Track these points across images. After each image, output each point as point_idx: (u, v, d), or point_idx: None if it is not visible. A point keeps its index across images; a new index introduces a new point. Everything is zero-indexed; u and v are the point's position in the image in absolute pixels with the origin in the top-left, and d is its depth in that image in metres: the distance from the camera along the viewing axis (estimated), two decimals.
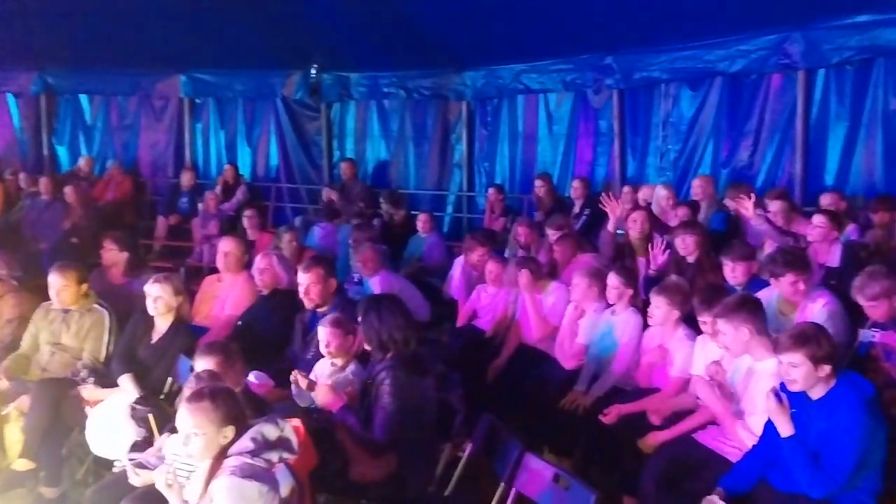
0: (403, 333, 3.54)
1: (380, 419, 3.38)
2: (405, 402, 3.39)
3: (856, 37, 6.48)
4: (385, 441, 3.38)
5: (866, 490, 3.04)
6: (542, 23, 7.69)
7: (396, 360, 3.48)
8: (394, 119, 10.57)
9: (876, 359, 3.93)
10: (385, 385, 3.40)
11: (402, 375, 3.42)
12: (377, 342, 3.55)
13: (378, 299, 3.82)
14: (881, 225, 5.61)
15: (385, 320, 3.55)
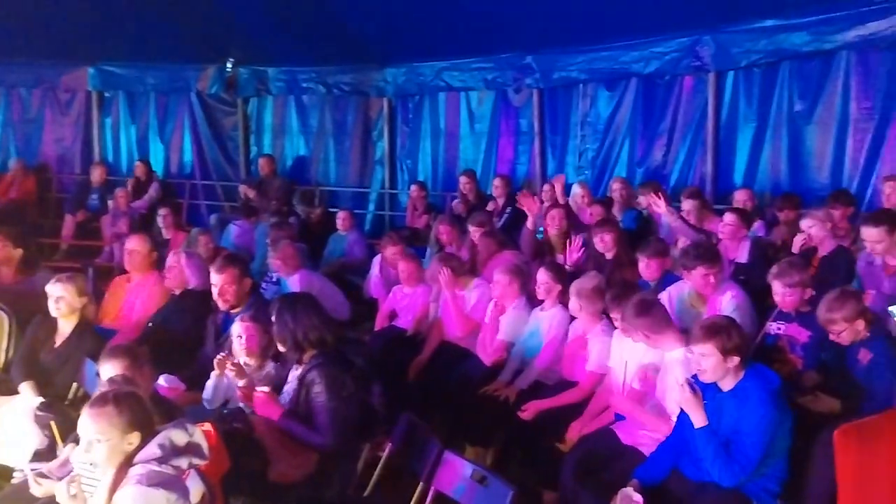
0: (319, 333, 3.47)
1: (323, 420, 3.31)
2: (339, 399, 3.34)
3: (762, 41, 6.72)
4: (338, 442, 3.33)
5: (772, 477, 3.15)
6: (464, 21, 7.71)
7: (323, 357, 3.41)
8: (313, 115, 10.39)
9: (782, 350, 4.09)
10: (318, 385, 3.33)
11: (333, 372, 3.37)
12: (292, 342, 3.47)
13: (292, 299, 3.73)
14: (787, 222, 5.84)
15: (300, 320, 3.47)
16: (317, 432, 3.32)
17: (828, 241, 4.81)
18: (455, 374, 4.91)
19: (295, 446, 3.38)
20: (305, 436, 3.34)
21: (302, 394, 3.38)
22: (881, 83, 6.18)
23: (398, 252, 6.15)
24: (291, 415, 3.42)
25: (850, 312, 3.56)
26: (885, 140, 6.18)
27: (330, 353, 3.46)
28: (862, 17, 6.01)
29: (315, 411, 3.32)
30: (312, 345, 3.45)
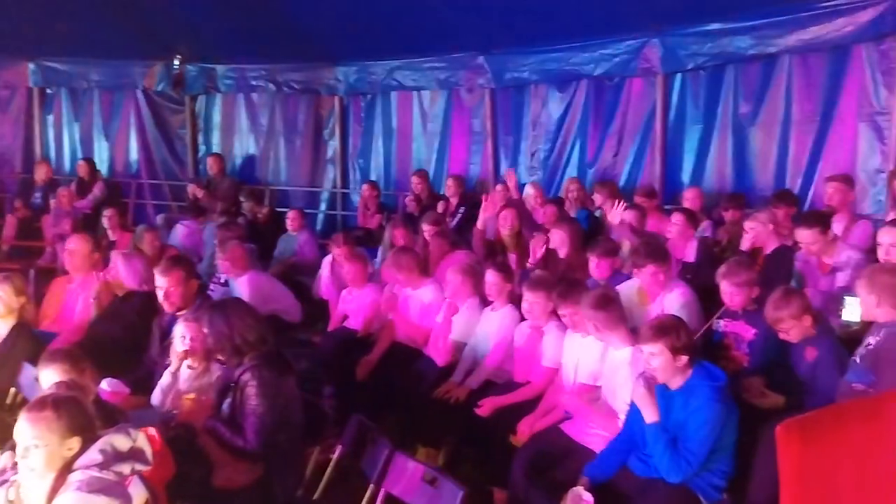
0: (256, 334, 3.40)
1: (251, 424, 3.24)
2: (274, 402, 3.27)
3: (708, 44, 6.84)
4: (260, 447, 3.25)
5: (718, 472, 3.21)
6: (416, 20, 7.68)
7: (259, 359, 3.35)
8: (263, 113, 10.27)
9: (727, 347, 4.17)
10: (251, 387, 3.26)
11: (268, 374, 3.30)
12: (230, 347, 3.39)
13: (222, 304, 3.61)
14: (732, 222, 5.95)
15: (233, 323, 3.38)
16: (242, 436, 3.25)
17: (771, 241, 4.92)
18: (407, 374, 4.89)
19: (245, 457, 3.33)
20: (230, 440, 3.27)
21: (237, 396, 3.31)
22: (822, 86, 6.34)
23: (344, 254, 6.10)
24: (217, 420, 3.36)
25: (796, 310, 3.65)
26: (825, 141, 6.34)
27: (268, 356, 3.39)
28: (803, 22, 6.15)
29: (244, 415, 3.26)
30: (252, 346, 3.37)
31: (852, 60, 6.11)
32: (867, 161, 6.07)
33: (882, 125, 5.93)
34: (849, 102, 6.17)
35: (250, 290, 5.89)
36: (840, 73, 6.21)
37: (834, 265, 4.55)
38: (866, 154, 6.07)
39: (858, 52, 6.05)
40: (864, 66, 6.02)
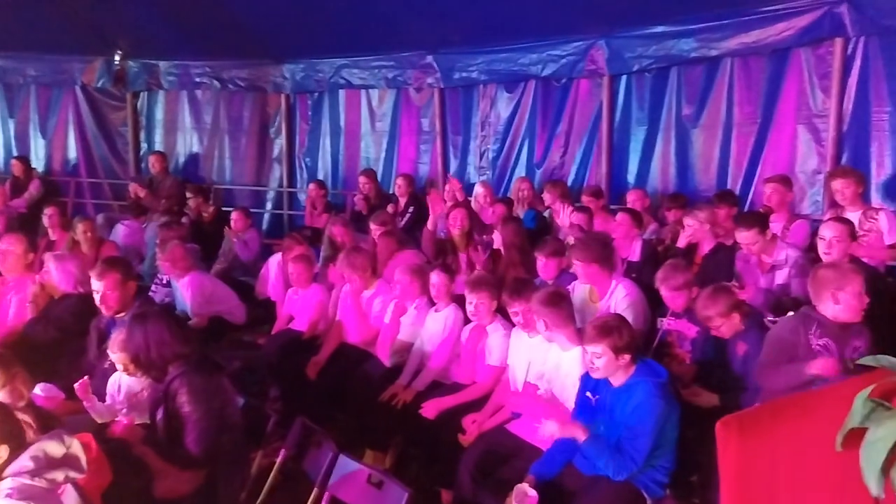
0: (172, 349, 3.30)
1: (190, 432, 3.17)
2: (209, 406, 3.20)
3: (653, 46, 6.93)
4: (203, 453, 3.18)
5: (661, 468, 3.26)
6: (364, 18, 7.63)
7: (186, 366, 3.27)
8: (207, 110, 10.10)
9: (671, 345, 4.24)
10: (182, 395, 3.18)
11: (198, 380, 3.22)
12: (146, 362, 3.32)
13: (141, 317, 3.49)
14: (675, 222, 6.04)
15: (150, 339, 3.30)
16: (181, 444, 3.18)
17: (707, 240, 5.02)
18: (354, 376, 4.84)
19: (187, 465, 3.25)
20: (168, 455, 3.20)
21: (168, 408, 3.23)
22: (762, 89, 6.47)
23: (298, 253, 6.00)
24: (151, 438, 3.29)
25: (723, 307, 3.75)
26: (766, 143, 6.47)
27: (195, 362, 3.32)
28: (744, 26, 6.26)
29: (181, 424, 3.19)
30: (168, 361, 3.30)
31: (791, 64, 6.25)
32: (805, 162, 6.22)
33: (820, 127, 6.08)
34: (788, 105, 6.31)
35: (192, 292, 5.78)
36: (779, 77, 6.34)
37: (773, 263, 4.66)
38: (805, 155, 6.22)
39: (797, 56, 6.19)
40: (803, 70, 6.17)
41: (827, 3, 5.75)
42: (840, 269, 3.47)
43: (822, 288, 3.45)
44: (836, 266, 3.56)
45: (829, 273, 3.48)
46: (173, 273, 5.88)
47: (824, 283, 3.45)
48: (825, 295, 3.44)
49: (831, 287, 3.41)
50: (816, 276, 3.52)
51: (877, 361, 2.16)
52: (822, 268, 3.59)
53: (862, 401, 2.02)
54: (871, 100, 5.75)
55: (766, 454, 2.07)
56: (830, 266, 3.58)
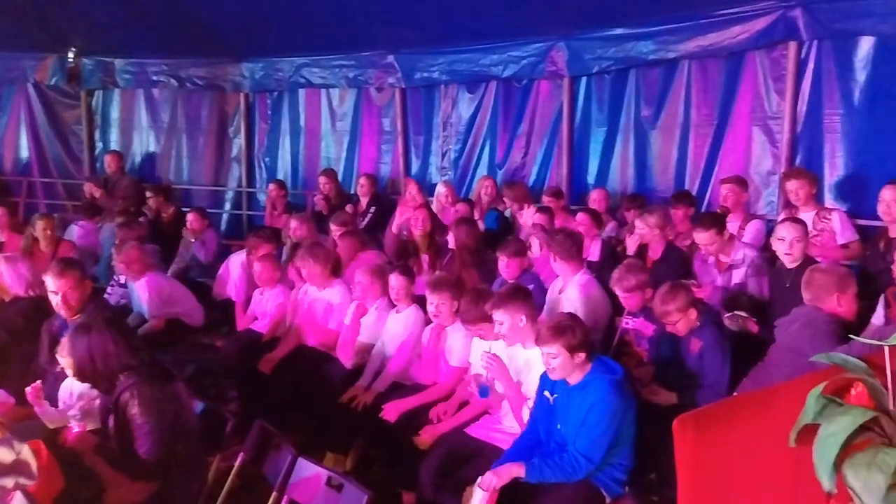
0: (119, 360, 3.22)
1: (144, 443, 3.10)
2: (162, 414, 3.13)
3: (612, 48, 6.98)
4: (155, 463, 3.12)
5: (619, 466, 3.29)
6: (324, 16, 7.58)
7: (135, 376, 3.20)
8: (164, 109, 9.97)
9: (629, 344, 4.29)
10: (132, 406, 3.11)
11: (148, 389, 3.15)
12: (92, 373, 3.24)
13: (84, 328, 3.39)
14: (633, 222, 6.10)
15: (95, 350, 3.22)
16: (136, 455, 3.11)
17: (657, 244, 5.09)
18: (314, 378, 4.79)
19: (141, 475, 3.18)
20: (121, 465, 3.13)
21: (119, 418, 3.16)
22: (718, 91, 6.56)
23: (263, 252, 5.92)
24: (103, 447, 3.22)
25: (681, 303, 3.82)
26: (722, 144, 6.57)
27: (144, 371, 3.25)
28: (701, 29, 6.35)
29: (133, 434, 3.12)
30: (115, 373, 3.22)
31: (747, 67, 6.34)
32: (760, 163, 6.33)
33: (774, 129, 6.19)
34: (743, 107, 6.41)
35: (149, 293, 5.68)
36: (735, 79, 6.43)
37: (731, 263, 4.74)
38: (759, 157, 6.32)
39: (752, 58, 6.29)
40: (758, 73, 6.27)
41: (781, 6, 5.85)
42: (839, 273, 3.60)
43: (825, 291, 3.57)
44: (833, 270, 3.70)
45: (829, 277, 3.62)
46: (129, 274, 5.77)
47: (827, 286, 3.58)
48: (829, 297, 3.58)
49: (835, 290, 3.56)
50: (814, 280, 3.63)
51: (829, 359, 2.20)
52: (819, 272, 3.70)
53: (814, 398, 2.05)
54: (823, 102, 5.86)
55: (723, 451, 2.09)
56: (827, 270, 3.72)
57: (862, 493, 1.89)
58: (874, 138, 5.58)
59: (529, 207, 6.00)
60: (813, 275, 3.72)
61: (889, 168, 5.31)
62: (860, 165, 5.68)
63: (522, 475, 3.20)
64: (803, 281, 3.76)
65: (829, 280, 3.64)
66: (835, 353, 2.23)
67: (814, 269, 3.84)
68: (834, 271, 3.72)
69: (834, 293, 3.61)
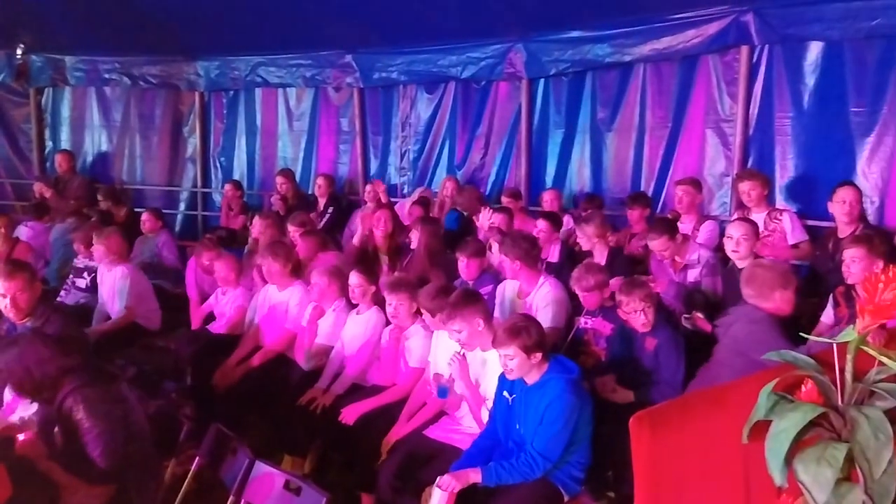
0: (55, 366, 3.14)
1: (95, 447, 3.04)
2: (110, 417, 3.07)
3: (569, 51, 7.04)
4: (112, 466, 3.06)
5: (577, 464, 3.32)
6: (281, 15, 7.48)
7: (77, 381, 3.13)
8: (117, 108, 9.78)
9: (588, 343, 4.33)
10: (77, 412, 3.05)
11: (93, 393, 3.09)
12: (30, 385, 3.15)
13: (14, 341, 3.32)
14: None
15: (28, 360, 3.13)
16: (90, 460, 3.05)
17: (600, 250, 5.15)
18: (271, 380, 4.74)
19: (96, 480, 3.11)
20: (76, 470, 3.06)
21: (66, 426, 3.09)
22: (673, 94, 6.66)
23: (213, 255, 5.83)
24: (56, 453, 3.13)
25: (639, 298, 3.90)
26: (676, 146, 6.67)
27: (87, 375, 3.18)
28: (656, 32, 6.44)
29: (84, 439, 3.06)
30: (56, 378, 3.14)
31: (700, 70, 6.45)
32: (714, 165, 6.44)
33: (727, 132, 6.30)
34: (697, 110, 6.52)
35: (131, 281, 5.57)
36: (689, 82, 6.54)
37: (686, 263, 4.83)
38: (713, 159, 6.44)
39: (706, 62, 6.40)
40: (711, 76, 6.38)
41: (734, 11, 5.96)
42: (780, 270, 3.66)
43: (767, 287, 3.61)
44: (774, 267, 3.74)
45: (770, 273, 3.65)
46: (106, 259, 5.62)
47: (769, 283, 3.61)
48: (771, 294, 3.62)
49: (776, 287, 3.59)
50: (755, 276, 3.69)
51: (780, 356, 2.25)
52: (761, 268, 3.75)
53: (766, 394, 2.10)
54: (774, 105, 5.99)
55: (677, 448, 2.12)
56: (769, 267, 3.76)
57: (812, 487, 1.93)
58: (823, 141, 5.72)
59: (486, 209, 6.00)
60: (754, 271, 3.75)
61: (837, 170, 5.46)
62: (809, 167, 5.82)
63: (479, 481, 3.20)
64: (743, 277, 3.80)
65: (770, 276, 3.66)
66: (785, 351, 2.28)
67: (755, 265, 3.89)
68: (775, 268, 3.75)
69: (776, 290, 3.63)
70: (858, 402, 2.08)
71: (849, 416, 2.03)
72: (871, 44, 5.38)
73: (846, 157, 5.55)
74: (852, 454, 1.95)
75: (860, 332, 2.05)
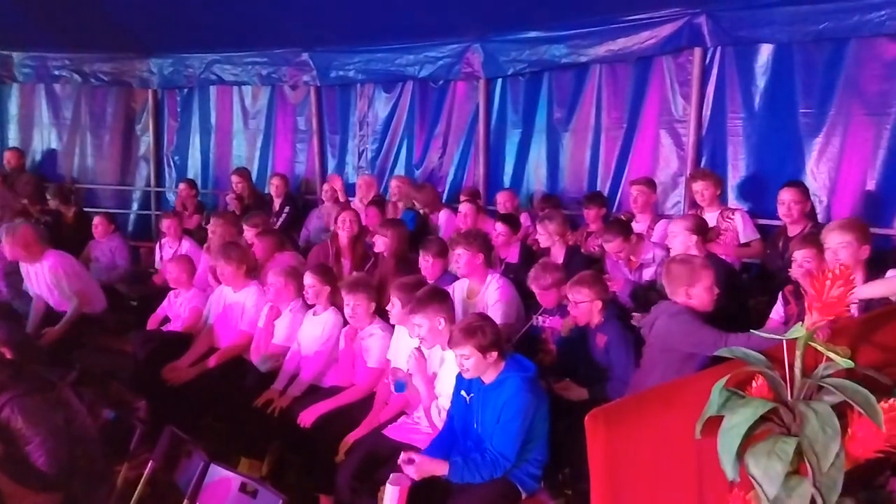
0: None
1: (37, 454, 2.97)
2: (51, 424, 3.00)
3: (526, 51, 7.08)
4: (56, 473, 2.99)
5: (534, 462, 3.33)
6: (236, 11, 7.38)
7: (11, 392, 3.05)
8: (67, 106, 9.58)
9: (544, 341, 4.37)
10: (17, 422, 2.98)
11: (30, 401, 3.02)
12: None
13: None
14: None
15: None
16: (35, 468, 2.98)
17: (558, 248, 5.19)
18: (227, 381, 4.68)
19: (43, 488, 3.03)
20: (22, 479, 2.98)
21: (5, 437, 3.01)
22: (628, 94, 6.72)
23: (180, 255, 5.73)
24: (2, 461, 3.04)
25: (593, 293, 3.97)
26: (632, 147, 6.74)
27: (21, 384, 3.11)
28: (611, 34, 6.50)
29: (26, 449, 2.99)
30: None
31: (654, 71, 6.52)
32: (668, 165, 6.51)
33: (681, 132, 6.39)
34: (651, 111, 6.59)
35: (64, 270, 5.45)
36: (644, 84, 6.60)
37: (641, 262, 4.90)
38: (667, 159, 6.52)
39: (660, 63, 6.47)
40: (665, 77, 6.45)
41: (687, 14, 6.05)
42: (691, 265, 3.67)
43: (675, 283, 3.64)
44: (687, 261, 3.76)
45: (682, 268, 3.66)
46: (28, 258, 5.47)
47: (678, 278, 3.64)
48: (680, 290, 3.61)
49: (690, 281, 3.60)
50: (670, 271, 3.71)
51: (731, 353, 2.29)
52: (675, 263, 3.78)
53: (718, 390, 2.14)
54: (726, 106, 6.08)
55: (632, 444, 2.15)
56: (682, 261, 3.78)
57: (762, 480, 1.98)
58: (773, 141, 5.83)
59: (444, 210, 6.00)
60: (669, 267, 3.76)
61: (787, 170, 5.57)
62: (760, 167, 5.93)
63: (445, 473, 3.20)
64: (663, 272, 3.80)
65: (684, 271, 3.64)
66: (737, 348, 2.32)
67: (670, 261, 3.90)
68: (689, 262, 3.74)
69: (689, 285, 3.59)
70: (807, 397, 2.13)
71: (798, 411, 2.08)
72: (819, 47, 5.50)
73: (795, 157, 5.66)
74: (801, 448, 2.00)
75: (808, 328, 2.10)
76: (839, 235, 3.62)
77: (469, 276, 4.69)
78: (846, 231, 3.63)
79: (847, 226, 3.69)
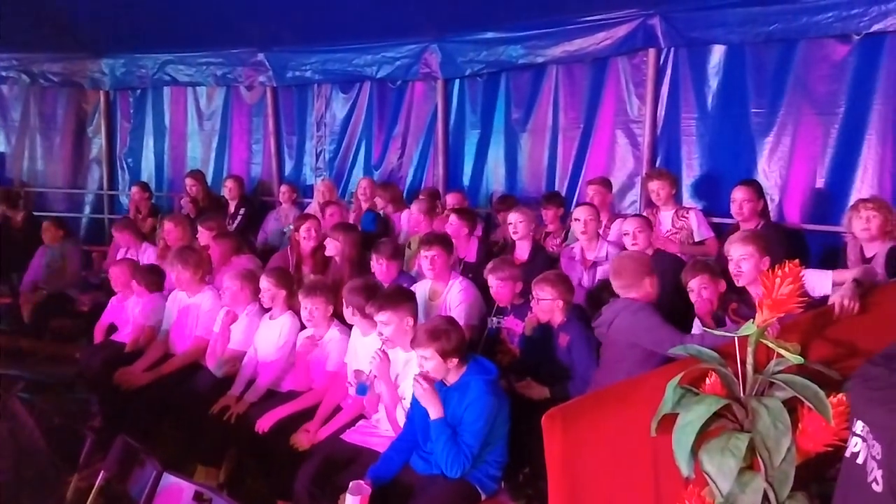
0: None
1: None
2: None
3: (484, 51, 7.09)
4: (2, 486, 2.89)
5: (494, 462, 3.33)
6: (190, 10, 7.26)
7: None
8: (15, 107, 9.31)
9: (503, 342, 4.38)
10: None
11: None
12: None
13: None
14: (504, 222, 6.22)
15: None
16: None
17: (524, 244, 5.21)
18: (182, 388, 4.59)
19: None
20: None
21: None
22: (584, 95, 6.76)
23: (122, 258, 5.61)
24: None
25: (557, 292, 3.98)
26: (588, 147, 6.79)
27: None
28: (568, 34, 6.54)
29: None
30: None
31: (610, 72, 6.57)
32: (624, 165, 6.57)
33: (636, 132, 6.45)
34: (607, 111, 6.63)
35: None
36: (600, 84, 6.65)
37: (595, 260, 4.94)
38: (623, 159, 6.57)
39: (615, 64, 6.52)
40: (621, 78, 6.51)
41: (641, 15, 6.11)
42: (645, 258, 3.73)
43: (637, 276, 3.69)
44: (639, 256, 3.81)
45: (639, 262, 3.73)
46: None
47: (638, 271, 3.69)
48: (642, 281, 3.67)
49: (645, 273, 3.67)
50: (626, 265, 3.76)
51: (685, 350, 2.31)
52: (629, 259, 3.85)
53: (673, 388, 2.15)
54: (680, 107, 6.16)
55: (589, 442, 2.16)
56: (635, 257, 3.83)
57: (716, 476, 2.00)
58: (726, 141, 5.92)
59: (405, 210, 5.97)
60: (623, 262, 3.81)
61: (740, 169, 5.67)
62: (714, 166, 6.02)
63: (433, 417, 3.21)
64: (612, 270, 3.83)
65: (639, 265, 3.72)
66: (690, 345, 2.35)
67: (621, 257, 3.97)
68: (639, 257, 3.82)
69: (644, 277, 3.67)
70: (759, 393, 2.16)
71: (750, 407, 2.10)
72: (770, 47, 5.60)
73: (748, 156, 5.75)
74: (754, 443, 2.03)
75: (759, 325, 2.13)
76: (741, 248, 3.67)
77: (435, 278, 4.67)
78: (748, 243, 3.68)
79: (748, 238, 3.74)
